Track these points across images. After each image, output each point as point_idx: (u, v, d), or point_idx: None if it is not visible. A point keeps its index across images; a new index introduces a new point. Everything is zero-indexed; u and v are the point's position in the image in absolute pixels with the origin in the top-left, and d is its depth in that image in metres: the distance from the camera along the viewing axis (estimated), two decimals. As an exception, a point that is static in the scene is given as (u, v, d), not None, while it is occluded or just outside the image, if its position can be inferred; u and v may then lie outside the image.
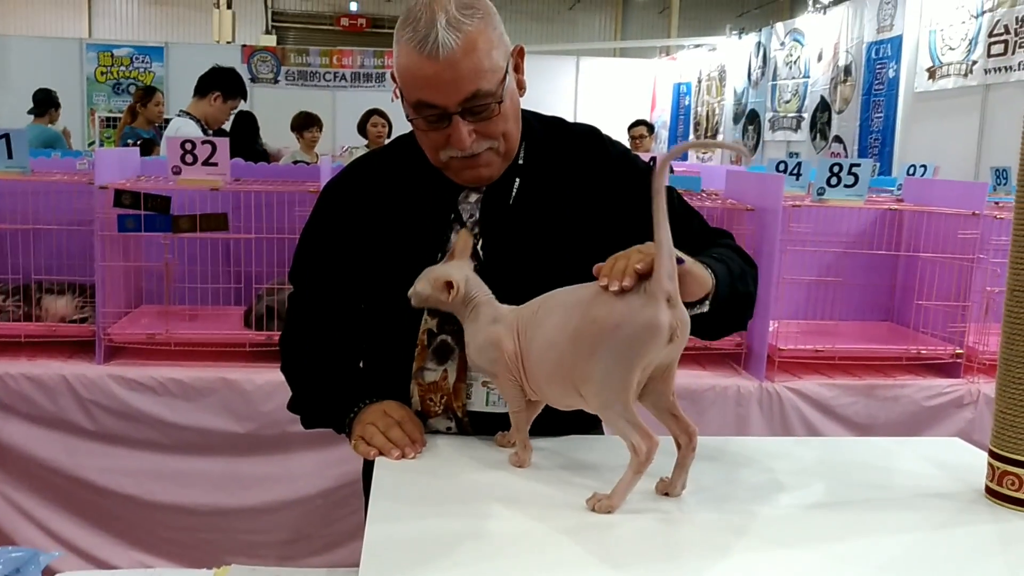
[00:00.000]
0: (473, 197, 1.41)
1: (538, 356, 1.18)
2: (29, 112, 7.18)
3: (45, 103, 7.25)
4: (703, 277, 1.17)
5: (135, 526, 2.40)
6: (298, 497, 2.39)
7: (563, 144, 1.45)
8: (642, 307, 1.06)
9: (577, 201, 1.41)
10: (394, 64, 1.31)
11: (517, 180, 1.41)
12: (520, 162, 1.42)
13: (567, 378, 1.14)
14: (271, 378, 2.31)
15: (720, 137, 10.93)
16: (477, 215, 1.40)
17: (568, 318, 1.14)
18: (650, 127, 7.88)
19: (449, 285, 1.24)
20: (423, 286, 1.27)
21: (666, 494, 1.17)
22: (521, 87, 1.37)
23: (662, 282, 1.06)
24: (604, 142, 1.47)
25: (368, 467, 1.33)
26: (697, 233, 1.41)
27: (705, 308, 1.19)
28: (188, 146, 2.45)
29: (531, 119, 1.45)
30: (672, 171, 4.75)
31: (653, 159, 2.43)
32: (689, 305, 1.14)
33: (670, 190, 1.45)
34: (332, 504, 2.39)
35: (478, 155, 1.33)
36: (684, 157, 11.55)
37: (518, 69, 1.36)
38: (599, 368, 1.09)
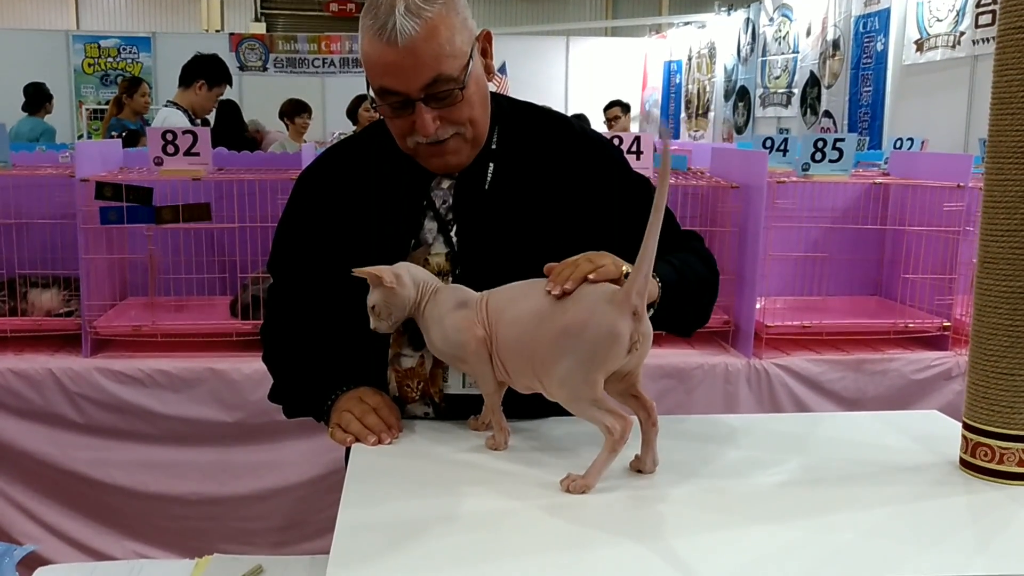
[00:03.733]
0: (446, 183, 1.41)
1: (506, 335, 1.18)
2: (23, 108, 7.11)
3: (38, 97, 7.18)
4: (650, 288, 1.19)
5: (128, 517, 2.41)
6: (289, 484, 2.41)
7: (537, 129, 1.44)
8: (607, 315, 1.09)
9: (552, 186, 1.40)
10: (359, 51, 1.31)
11: (491, 165, 1.40)
12: (493, 147, 1.41)
13: (530, 361, 1.15)
14: (258, 367, 2.29)
15: (711, 115, 10.90)
16: (450, 201, 1.40)
17: (541, 304, 1.15)
18: (625, 107, 7.89)
19: (377, 279, 1.24)
20: (372, 297, 1.26)
21: (639, 471, 1.18)
22: (489, 71, 1.36)
23: (631, 296, 1.09)
24: (577, 128, 1.46)
25: (350, 454, 1.33)
26: (666, 233, 1.41)
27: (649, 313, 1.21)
28: (170, 136, 2.45)
29: (503, 103, 1.44)
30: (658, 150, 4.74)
31: (619, 138, 2.44)
32: None
33: (647, 184, 1.45)
34: (323, 490, 2.39)
35: (444, 142, 1.33)
36: (676, 135, 11.56)
37: (485, 54, 1.35)
38: (562, 366, 1.11)
